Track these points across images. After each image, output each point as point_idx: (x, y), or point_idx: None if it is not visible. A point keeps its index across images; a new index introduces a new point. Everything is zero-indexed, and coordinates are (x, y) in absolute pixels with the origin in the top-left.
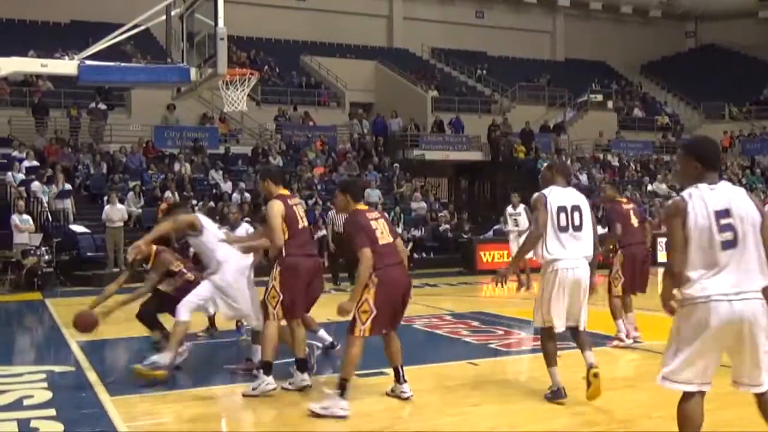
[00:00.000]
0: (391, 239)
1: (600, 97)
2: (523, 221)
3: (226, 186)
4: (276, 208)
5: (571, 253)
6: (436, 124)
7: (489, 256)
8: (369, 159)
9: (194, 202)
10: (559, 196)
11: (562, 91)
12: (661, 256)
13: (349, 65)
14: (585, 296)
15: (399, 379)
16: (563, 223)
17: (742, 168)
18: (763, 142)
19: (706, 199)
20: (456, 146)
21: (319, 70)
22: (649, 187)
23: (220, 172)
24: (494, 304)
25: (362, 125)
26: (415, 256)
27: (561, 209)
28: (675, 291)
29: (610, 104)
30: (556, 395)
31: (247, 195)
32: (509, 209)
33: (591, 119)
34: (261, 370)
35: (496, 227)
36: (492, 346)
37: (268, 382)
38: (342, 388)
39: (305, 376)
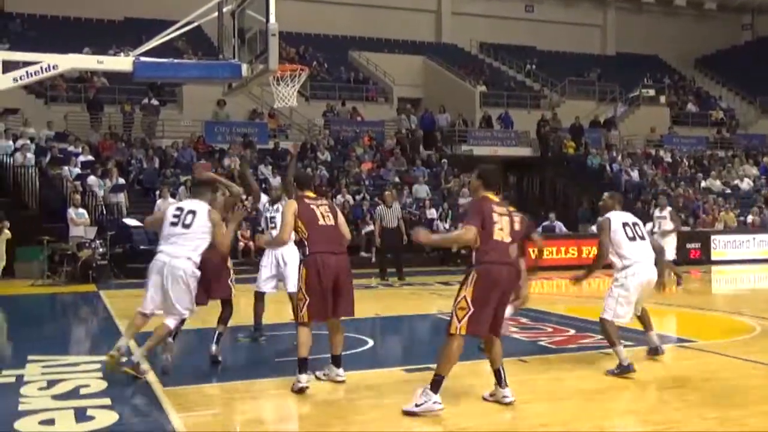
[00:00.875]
0: (509, 239)
1: (652, 92)
2: (667, 223)
3: (275, 181)
4: (290, 207)
5: (640, 257)
6: (484, 120)
7: (535, 252)
8: (417, 154)
9: (243, 196)
10: (619, 216)
11: (612, 85)
12: (716, 254)
13: (397, 60)
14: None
15: (501, 383)
16: (630, 234)
17: None
18: None
19: None
20: (504, 142)
21: (368, 66)
22: (703, 184)
23: (270, 167)
24: (544, 301)
25: (410, 120)
26: (463, 252)
27: (625, 224)
28: None
29: (662, 99)
30: (625, 370)
31: None
32: (656, 212)
33: (643, 114)
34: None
35: (545, 223)
36: (542, 343)
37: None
38: (436, 384)
39: (339, 371)
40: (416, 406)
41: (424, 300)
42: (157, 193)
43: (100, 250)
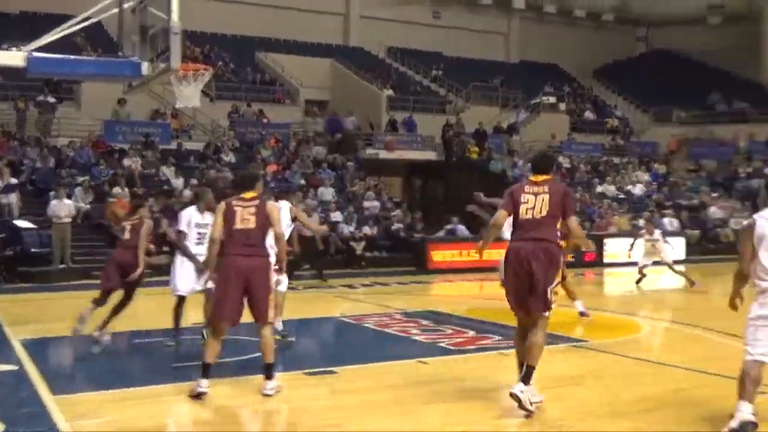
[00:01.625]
0: (538, 216)
1: (553, 99)
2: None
3: (178, 182)
4: (219, 209)
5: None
6: (390, 123)
7: (440, 255)
8: (323, 157)
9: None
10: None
11: (515, 92)
12: (608, 256)
13: (305, 63)
14: None
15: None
16: None
17: (687, 171)
18: (708, 147)
19: None
20: (410, 145)
21: (274, 67)
22: (598, 189)
23: (172, 168)
24: (445, 304)
25: (316, 123)
26: (367, 254)
27: None
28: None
29: (562, 106)
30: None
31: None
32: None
33: (543, 121)
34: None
35: (448, 227)
36: (442, 345)
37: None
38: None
39: (266, 383)
40: (531, 403)
41: (329, 303)
42: (52, 194)
43: None
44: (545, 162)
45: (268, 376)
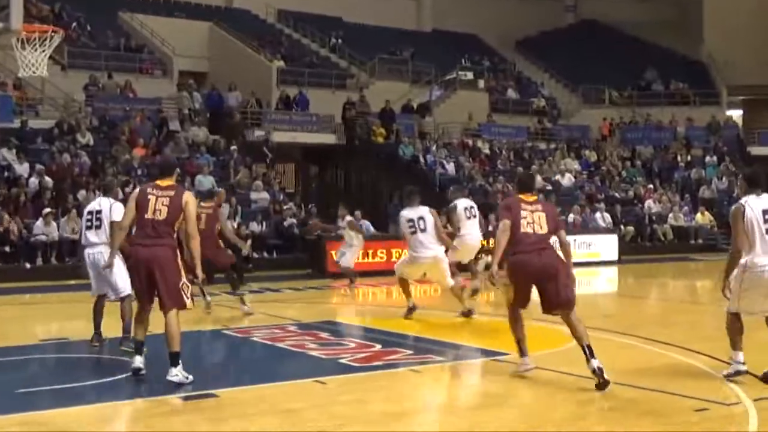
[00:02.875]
0: (539, 231)
1: (470, 75)
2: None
3: (22, 168)
4: (132, 194)
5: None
6: (281, 101)
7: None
8: (201, 139)
9: None
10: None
11: (427, 66)
12: None
13: (179, 26)
14: None
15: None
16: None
17: (621, 159)
18: (645, 131)
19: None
20: (305, 126)
21: (141, 31)
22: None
23: (14, 151)
24: (347, 313)
25: (193, 99)
26: (255, 255)
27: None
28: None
29: (481, 83)
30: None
31: (48, 179)
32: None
33: (460, 99)
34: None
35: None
36: (343, 361)
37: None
38: (522, 350)
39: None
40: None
41: (209, 313)
42: None
43: None
44: (532, 181)
45: (174, 363)
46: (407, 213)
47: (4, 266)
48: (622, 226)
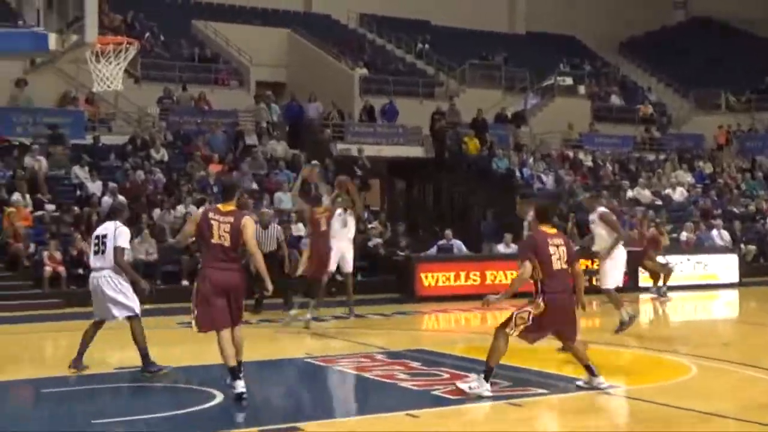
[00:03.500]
0: (564, 266)
1: (569, 81)
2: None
3: (94, 186)
4: (192, 216)
5: None
6: (365, 111)
7: (432, 279)
8: (280, 154)
9: (51, 207)
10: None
11: (522, 72)
12: (645, 279)
13: (256, 34)
14: None
15: (592, 373)
16: None
17: (740, 171)
18: (766, 139)
19: None
20: (390, 139)
21: (216, 40)
22: (629, 194)
23: (86, 169)
24: (439, 341)
25: (271, 110)
26: (338, 278)
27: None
28: None
29: (581, 89)
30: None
31: (121, 198)
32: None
33: (558, 107)
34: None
35: (440, 242)
36: (436, 393)
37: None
38: (487, 374)
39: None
40: (469, 388)
41: (290, 341)
42: None
43: None
44: (554, 211)
45: (238, 376)
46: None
47: (78, 290)
48: (742, 245)
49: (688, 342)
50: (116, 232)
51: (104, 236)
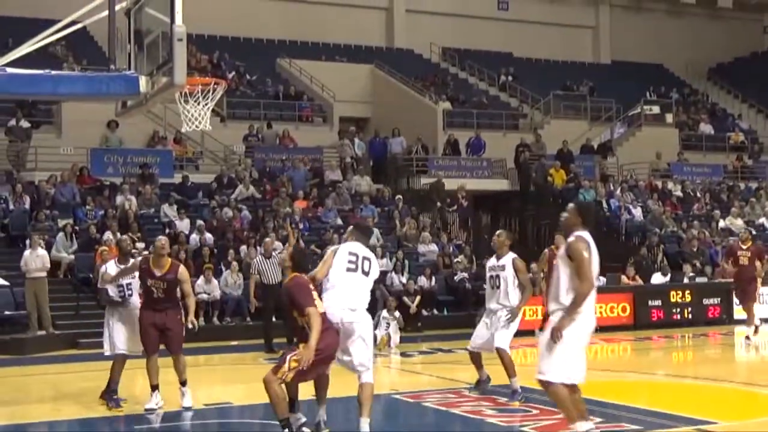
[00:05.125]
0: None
1: (656, 109)
2: None
3: (182, 224)
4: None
5: None
6: (449, 145)
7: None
8: (364, 189)
9: (140, 245)
10: None
11: (608, 101)
12: (739, 312)
13: (339, 70)
14: None
15: None
16: None
17: None
18: None
19: None
20: (475, 172)
21: (301, 77)
22: (721, 224)
23: (175, 207)
24: (528, 375)
25: (355, 146)
26: (425, 313)
27: None
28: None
29: (669, 118)
30: None
31: (208, 235)
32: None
33: (645, 137)
34: None
35: (530, 275)
36: (526, 429)
37: None
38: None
39: None
40: None
41: (377, 376)
42: (27, 242)
43: None
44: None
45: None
46: None
47: None
48: None
49: None
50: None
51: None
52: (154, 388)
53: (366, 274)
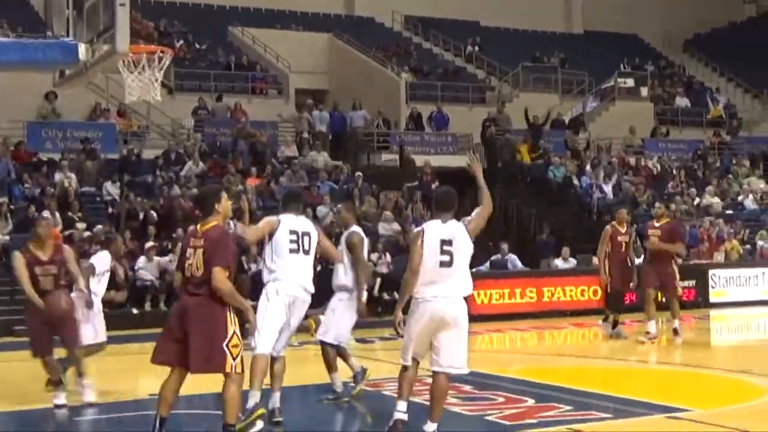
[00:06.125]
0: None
1: (631, 82)
2: None
3: (126, 202)
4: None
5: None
6: (412, 119)
7: (485, 296)
8: (321, 166)
9: (80, 225)
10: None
11: (580, 74)
12: (715, 294)
13: (294, 39)
14: None
15: None
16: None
17: None
18: None
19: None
20: (439, 148)
21: (254, 46)
22: (697, 201)
23: (118, 185)
24: (493, 362)
25: (316, 119)
26: (386, 296)
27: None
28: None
29: (644, 91)
30: None
31: (153, 214)
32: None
33: (619, 111)
34: None
35: (494, 257)
36: (490, 418)
37: None
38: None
39: None
40: None
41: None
42: None
43: None
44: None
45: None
46: None
47: (111, 312)
48: None
49: (763, 362)
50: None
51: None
52: (58, 383)
53: (306, 252)
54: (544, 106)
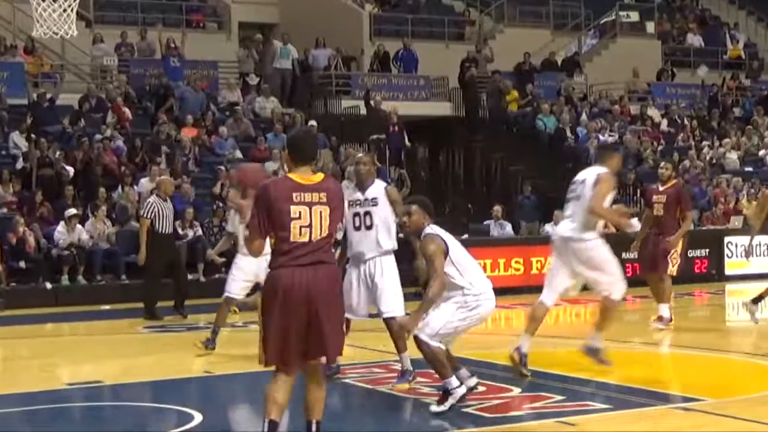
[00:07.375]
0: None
1: (634, 17)
2: None
3: (37, 157)
4: None
5: None
6: (377, 59)
7: None
8: (270, 114)
9: None
10: None
11: (575, 6)
12: (731, 265)
13: None
14: None
15: None
16: None
17: None
18: None
19: None
20: (409, 93)
21: None
22: (709, 156)
23: (24, 135)
24: (471, 345)
25: (260, 60)
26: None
27: None
28: None
29: (650, 27)
30: None
31: (69, 169)
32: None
33: (621, 50)
34: None
35: (487, 222)
36: (470, 410)
37: None
38: None
39: None
40: None
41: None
42: None
43: None
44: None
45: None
46: None
47: (21, 287)
48: None
49: None
50: None
51: None
52: None
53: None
54: (534, 45)
